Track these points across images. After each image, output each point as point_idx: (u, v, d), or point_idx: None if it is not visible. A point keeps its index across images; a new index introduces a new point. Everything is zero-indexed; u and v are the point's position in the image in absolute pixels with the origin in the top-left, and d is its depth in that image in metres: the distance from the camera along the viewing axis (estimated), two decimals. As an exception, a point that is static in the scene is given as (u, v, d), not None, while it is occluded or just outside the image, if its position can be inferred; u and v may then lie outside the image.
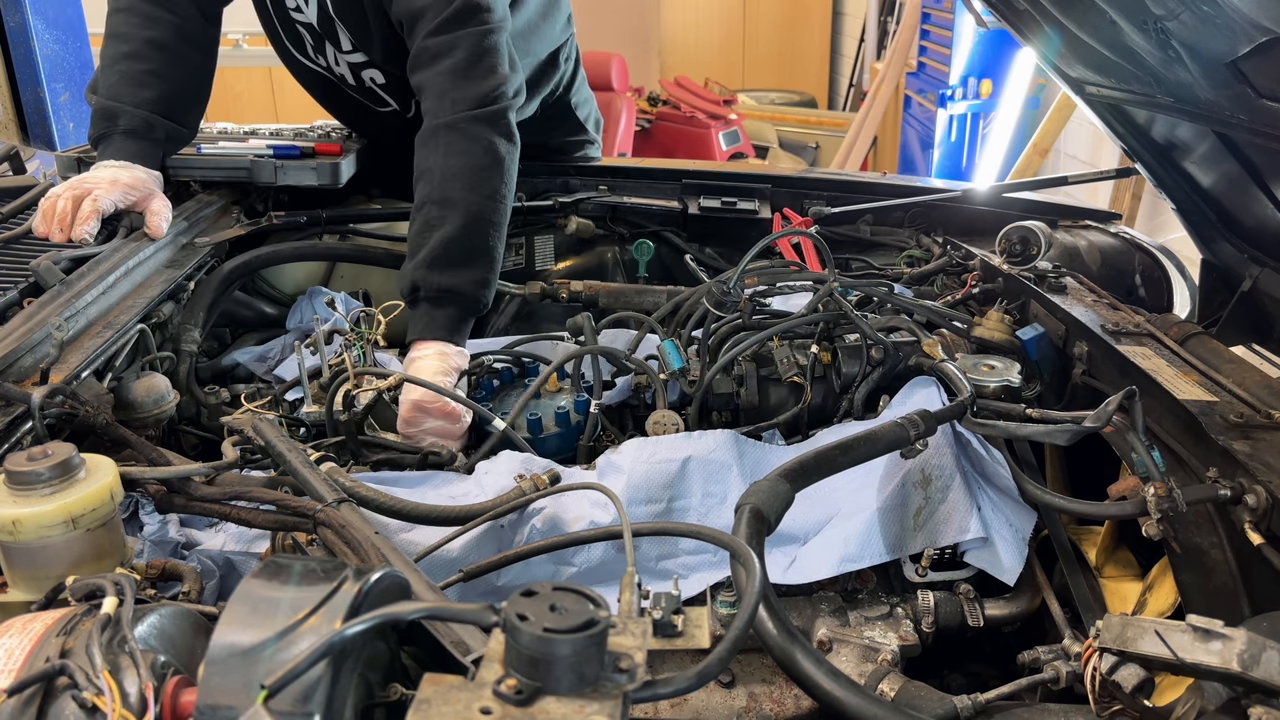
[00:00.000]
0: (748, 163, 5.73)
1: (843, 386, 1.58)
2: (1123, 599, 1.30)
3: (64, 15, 3.06)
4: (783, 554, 1.30)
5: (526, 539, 1.24)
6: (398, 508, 1.17)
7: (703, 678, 0.68)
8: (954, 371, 1.41)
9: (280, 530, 1.13)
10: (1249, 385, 1.32)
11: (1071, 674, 1.08)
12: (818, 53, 8.24)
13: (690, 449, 1.38)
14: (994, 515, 1.29)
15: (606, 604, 0.64)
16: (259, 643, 0.65)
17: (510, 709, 0.59)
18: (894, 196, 2.32)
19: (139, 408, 1.45)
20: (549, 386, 1.61)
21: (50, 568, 0.96)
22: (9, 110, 2.98)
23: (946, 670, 1.35)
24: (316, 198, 2.18)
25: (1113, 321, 1.57)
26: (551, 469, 1.33)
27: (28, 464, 0.96)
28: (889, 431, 1.23)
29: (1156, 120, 1.82)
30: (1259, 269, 1.81)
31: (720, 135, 6.03)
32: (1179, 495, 1.09)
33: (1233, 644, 0.82)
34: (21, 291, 1.54)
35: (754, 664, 1.21)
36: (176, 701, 0.71)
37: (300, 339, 1.83)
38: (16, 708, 0.68)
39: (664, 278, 2.28)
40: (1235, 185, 1.74)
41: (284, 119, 2.51)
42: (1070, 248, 2.00)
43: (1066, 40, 1.74)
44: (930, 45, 5.65)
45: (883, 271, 2.10)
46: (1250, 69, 1.31)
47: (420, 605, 0.69)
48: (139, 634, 0.74)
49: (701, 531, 0.96)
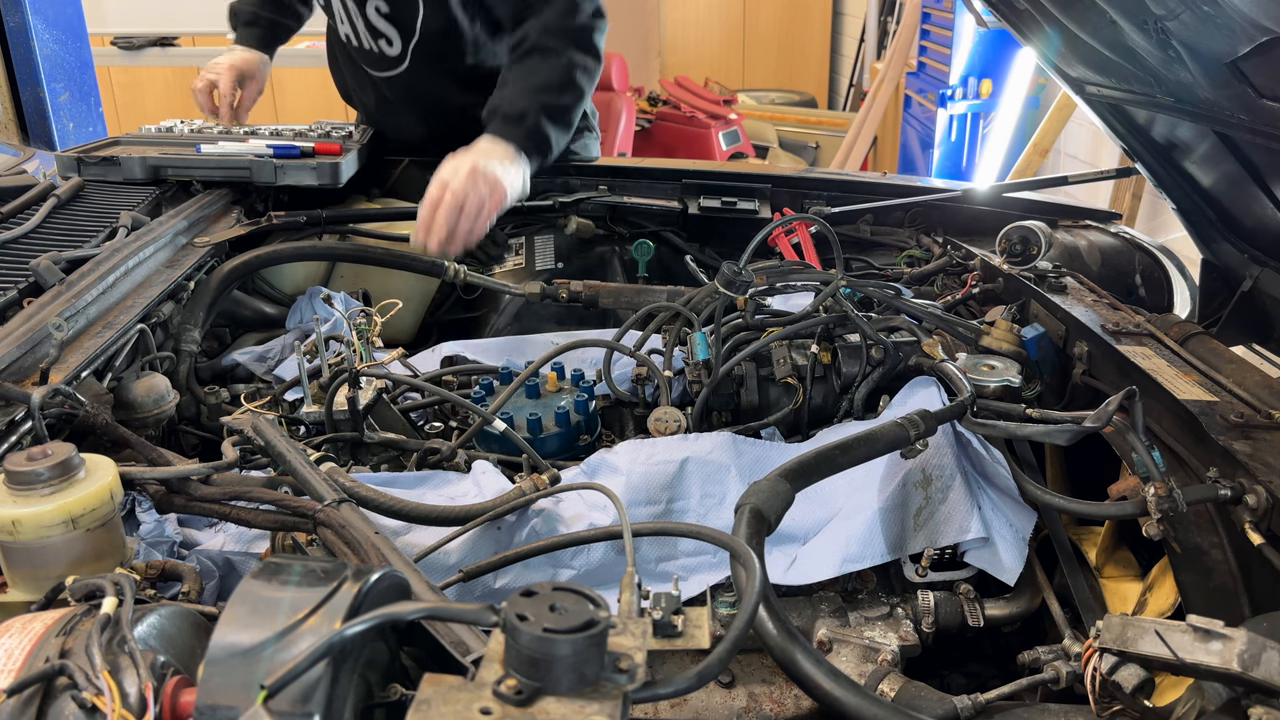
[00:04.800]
0: (748, 163, 5.73)
1: (843, 386, 1.58)
2: (1123, 599, 1.30)
3: (64, 15, 3.06)
4: (783, 554, 1.30)
5: (525, 540, 1.23)
6: (397, 508, 1.17)
7: (703, 678, 0.68)
8: (954, 371, 1.41)
9: (280, 530, 1.13)
10: (1249, 385, 1.32)
11: (1071, 674, 1.08)
12: (818, 53, 8.24)
13: (688, 450, 1.37)
14: (994, 515, 1.29)
15: (606, 604, 0.64)
16: (259, 643, 0.65)
17: (510, 709, 0.59)
18: (894, 196, 2.32)
19: (139, 408, 1.45)
20: (549, 387, 1.61)
21: (50, 568, 0.96)
22: (9, 110, 2.98)
23: (946, 670, 1.35)
24: (316, 198, 2.18)
25: (1113, 321, 1.57)
26: (550, 471, 1.33)
27: (28, 464, 0.96)
28: (889, 431, 1.23)
29: (1156, 120, 1.82)
30: (1259, 269, 1.81)
31: (720, 135, 6.03)
32: (1179, 495, 1.09)
33: (1233, 644, 0.82)
34: (21, 291, 1.54)
35: (754, 664, 1.21)
36: (176, 701, 0.71)
37: (300, 339, 1.83)
38: (16, 708, 0.68)
39: (664, 278, 2.28)
40: (1235, 185, 1.74)
41: (284, 119, 2.51)
42: (1070, 248, 2.00)
43: (1066, 40, 1.74)
44: (930, 45, 5.65)
45: (883, 271, 2.10)
46: (1250, 69, 1.31)
47: (420, 605, 0.69)
48: (139, 634, 0.74)
49: (701, 532, 0.96)
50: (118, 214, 1.88)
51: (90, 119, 3.19)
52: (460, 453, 1.47)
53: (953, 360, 1.48)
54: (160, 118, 2.46)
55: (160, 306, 1.68)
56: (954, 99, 5.28)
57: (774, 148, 6.62)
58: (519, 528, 1.24)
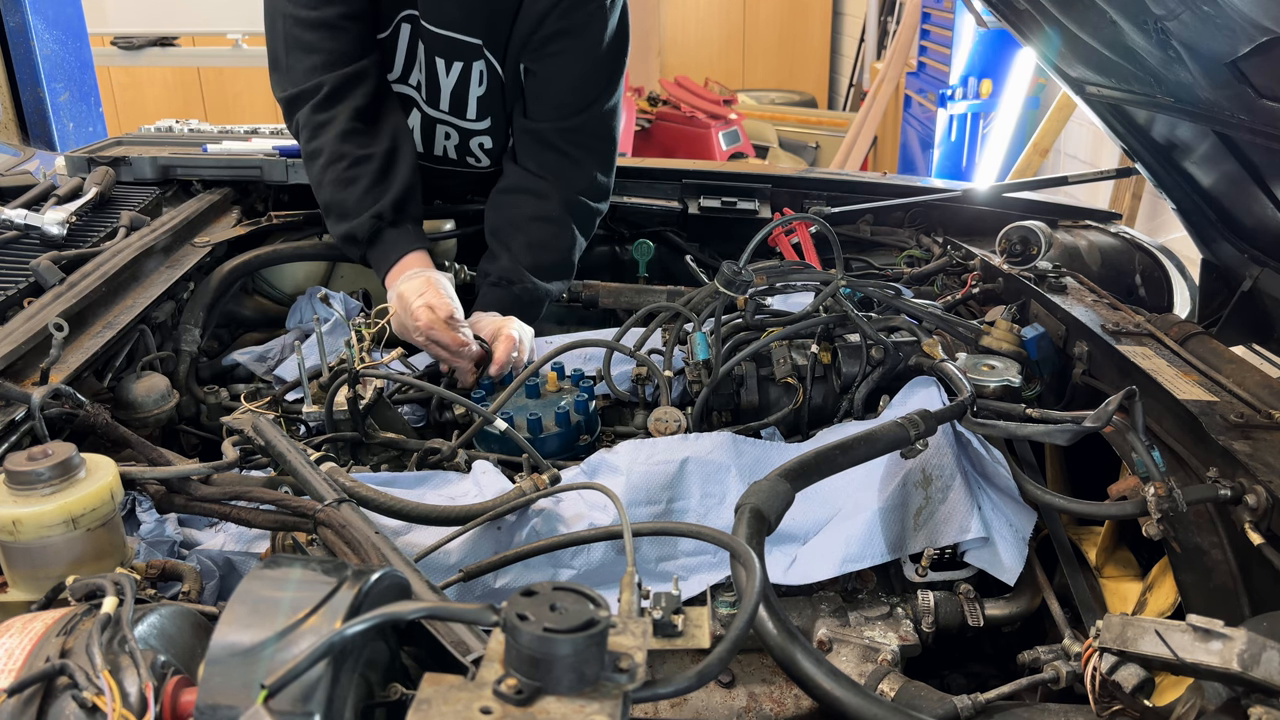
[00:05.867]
0: (748, 163, 5.73)
1: (843, 386, 1.58)
2: (1123, 599, 1.30)
3: (64, 15, 3.06)
4: (783, 554, 1.30)
5: (526, 540, 1.23)
6: (398, 508, 1.17)
7: (703, 678, 0.68)
8: (954, 371, 1.41)
9: (280, 530, 1.13)
10: (1249, 385, 1.32)
11: (1071, 674, 1.08)
12: (818, 53, 8.24)
13: (688, 450, 1.37)
14: (994, 515, 1.29)
15: (606, 604, 0.64)
16: (259, 643, 0.65)
17: (510, 709, 0.59)
18: (894, 196, 2.31)
19: (139, 408, 1.45)
20: (549, 387, 1.61)
21: (50, 568, 0.96)
22: (9, 110, 2.98)
23: (946, 670, 1.35)
24: (316, 197, 2.18)
25: (1113, 321, 1.57)
26: (550, 471, 1.33)
27: (28, 464, 0.96)
28: (889, 431, 1.23)
29: (1156, 120, 1.82)
30: (1259, 269, 1.81)
31: (720, 135, 6.03)
32: (1179, 495, 1.09)
33: (1233, 644, 0.82)
34: (21, 291, 1.54)
35: (754, 664, 1.21)
36: (176, 701, 0.71)
37: (300, 339, 1.83)
38: (16, 707, 0.68)
39: (664, 278, 2.28)
40: (1235, 185, 1.74)
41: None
42: (1070, 248, 2.00)
43: (1066, 40, 1.74)
44: (930, 45, 5.65)
45: (883, 271, 2.10)
46: (1250, 69, 1.31)
47: (420, 605, 0.69)
48: (139, 634, 0.74)
49: (702, 531, 0.96)
50: (118, 214, 1.88)
51: (90, 119, 3.19)
52: (460, 453, 1.47)
53: (953, 360, 1.48)
54: (159, 118, 2.46)
55: (160, 306, 1.68)
56: (954, 99, 5.28)
57: (774, 148, 6.62)
58: (519, 528, 1.24)
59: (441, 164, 2.10)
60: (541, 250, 1.94)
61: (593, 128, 1.98)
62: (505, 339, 1.70)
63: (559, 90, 1.95)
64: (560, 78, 1.93)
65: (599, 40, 1.91)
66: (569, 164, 1.97)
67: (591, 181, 1.99)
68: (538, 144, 1.98)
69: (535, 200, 1.96)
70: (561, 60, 1.91)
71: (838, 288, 1.60)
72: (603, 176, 2.01)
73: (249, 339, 2.02)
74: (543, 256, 1.94)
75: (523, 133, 2.00)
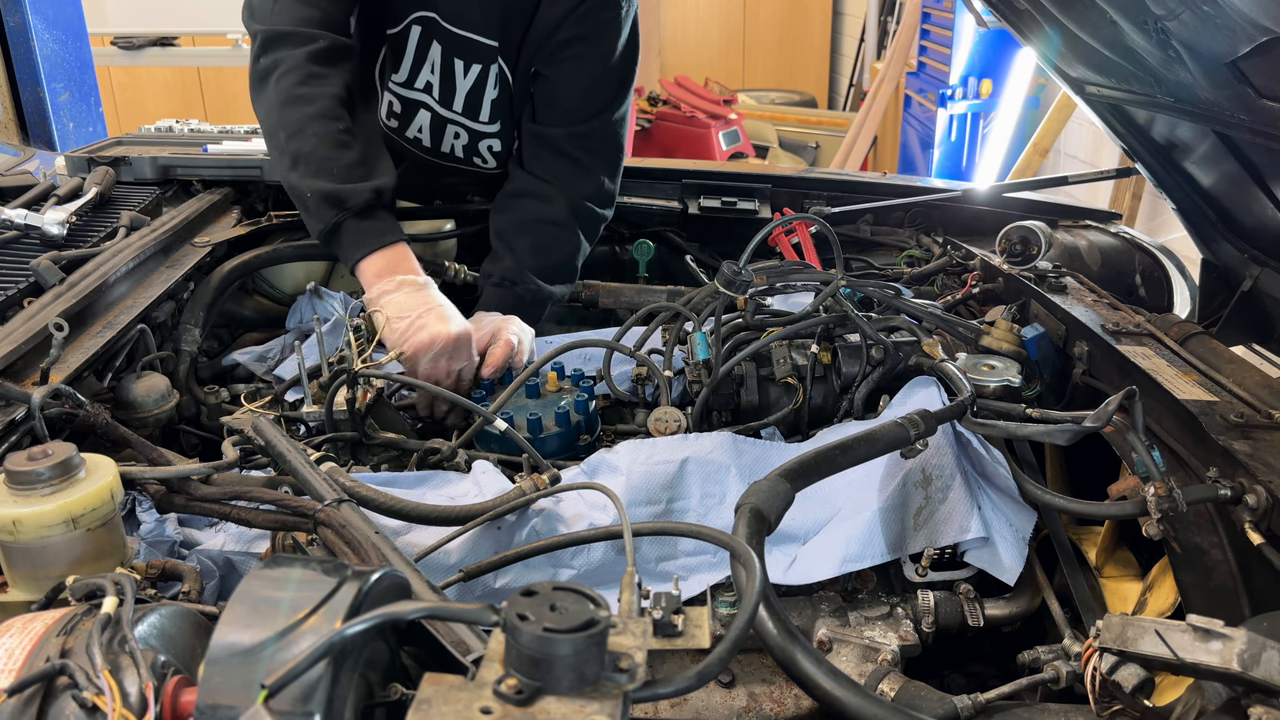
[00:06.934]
0: (748, 163, 5.73)
1: (843, 386, 1.58)
2: (1123, 599, 1.30)
3: (64, 15, 3.06)
4: (783, 554, 1.30)
5: (526, 540, 1.23)
6: (398, 508, 1.17)
7: (703, 678, 0.68)
8: (954, 371, 1.41)
9: (280, 530, 1.13)
10: (1249, 385, 1.33)
11: (1071, 674, 1.08)
12: (818, 53, 8.24)
13: (688, 450, 1.37)
14: (994, 515, 1.29)
15: (606, 604, 0.64)
16: (259, 643, 0.65)
17: (510, 709, 0.59)
18: (894, 196, 2.32)
19: (139, 408, 1.45)
20: (549, 387, 1.61)
21: (50, 568, 0.96)
22: (9, 110, 2.98)
23: (946, 670, 1.35)
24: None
25: (1113, 321, 1.57)
26: (550, 471, 1.33)
27: (28, 464, 0.96)
28: (889, 431, 1.23)
29: (1156, 120, 1.82)
30: (1259, 269, 1.81)
31: (720, 135, 6.03)
32: (1179, 495, 1.09)
33: (1233, 644, 0.82)
34: (21, 291, 1.54)
35: (754, 664, 1.21)
36: (176, 701, 0.71)
37: (300, 339, 1.83)
38: (16, 707, 0.68)
39: (664, 278, 2.28)
40: (1235, 185, 1.74)
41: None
42: (1070, 248, 2.00)
43: (1066, 40, 1.74)
44: (930, 45, 5.65)
45: (883, 271, 2.10)
46: (1250, 69, 1.31)
47: (420, 605, 0.69)
48: (139, 634, 0.74)
49: (702, 531, 0.96)
50: (118, 214, 1.88)
51: (90, 119, 3.19)
52: (460, 453, 1.47)
53: (953, 360, 1.48)
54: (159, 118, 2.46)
55: (160, 306, 1.68)
56: (954, 99, 5.28)
57: (774, 148, 6.62)
58: (519, 528, 1.24)
59: (448, 161, 2.10)
60: (546, 253, 1.95)
61: (602, 135, 1.98)
62: (503, 343, 1.70)
63: (570, 96, 1.95)
64: (572, 84, 1.94)
65: (613, 48, 1.91)
66: (577, 170, 1.97)
67: (598, 188, 1.99)
68: (546, 149, 1.98)
69: (542, 204, 1.97)
70: (574, 66, 1.91)
71: (838, 288, 1.60)
72: (609, 183, 2.01)
73: (249, 339, 2.02)
74: (547, 259, 1.94)
75: (531, 137, 2.00)
